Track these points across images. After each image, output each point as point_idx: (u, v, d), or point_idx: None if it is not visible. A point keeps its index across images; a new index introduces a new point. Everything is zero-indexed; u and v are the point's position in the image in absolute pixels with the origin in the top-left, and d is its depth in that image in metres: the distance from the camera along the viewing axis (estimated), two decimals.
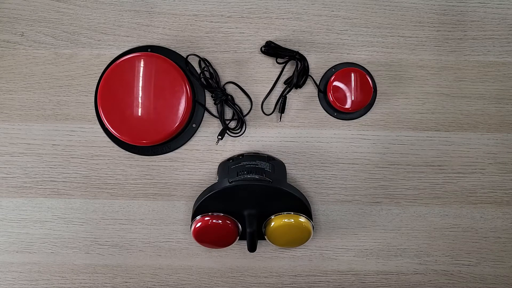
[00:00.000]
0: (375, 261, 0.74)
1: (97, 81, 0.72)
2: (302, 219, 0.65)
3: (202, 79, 0.70)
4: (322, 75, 0.72)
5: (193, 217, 0.65)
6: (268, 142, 0.72)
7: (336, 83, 0.68)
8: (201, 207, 0.65)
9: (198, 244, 0.67)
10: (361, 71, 0.68)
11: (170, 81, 0.67)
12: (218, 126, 0.72)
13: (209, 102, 0.72)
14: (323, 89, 0.71)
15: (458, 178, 0.73)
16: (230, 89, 0.72)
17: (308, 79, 0.72)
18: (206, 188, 0.67)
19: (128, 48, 0.72)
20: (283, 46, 0.71)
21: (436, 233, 0.74)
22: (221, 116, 0.70)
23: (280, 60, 0.71)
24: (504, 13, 0.72)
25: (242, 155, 0.71)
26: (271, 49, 0.71)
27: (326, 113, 0.72)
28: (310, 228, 0.65)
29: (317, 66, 0.72)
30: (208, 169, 0.72)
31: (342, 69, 0.69)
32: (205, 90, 0.72)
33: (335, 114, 0.72)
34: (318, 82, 0.72)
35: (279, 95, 0.71)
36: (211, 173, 0.72)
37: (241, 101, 0.72)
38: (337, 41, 0.72)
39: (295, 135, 0.72)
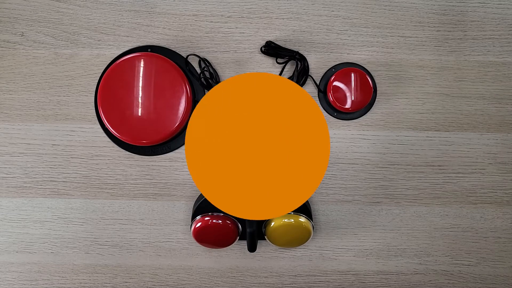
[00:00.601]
0: (375, 261, 0.74)
1: (97, 81, 0.72)
2: (302, 219, 0.65)
3: (202, 79, 0.70)
4: (322, 75, 0.72)
5: (193, 217, 0.65)
6: None
7: (336, 83, 0.68)
8: (201, 207, 0.65)
9: (198, 244, 0.67)
10: (361, 71, 0.68)
11: (170, 81, 0.67)
12: None
13: None
14: (323, 89, 0.71)
15: (458, 178, 0.73)
16: None
17: (308, 79, 0.72)
18: None
19: (128, 48, 0.72)
20: (283, 46, 0.71)
21: (436, 233, 0.74)
22: None
23: (280, 60, 0.71)
24: (504, 13, 0.72)
25: None
26: (271, 49, 0.71)
27: (326, 113, 0.72)
28: (310, 228, 0.66)
29: (317, 66, 0.72)
30: None
31: (342, 69, 0.69)
32: (205, 90, 0.72)
33: (335, 114, 0.72)
34: (318, 82, 0.72)
35: None
36: None
37: None
38: (337, 41, 0.72)
39: None
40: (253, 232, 0.64)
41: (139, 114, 0.67)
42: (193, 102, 0.70)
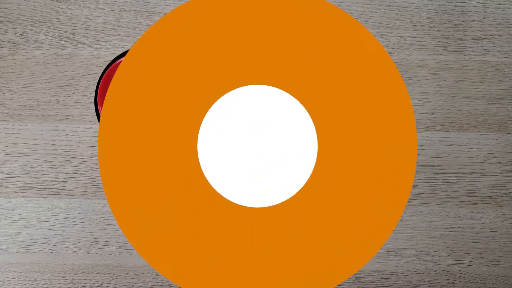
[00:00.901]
0: (375, 261, 0.74)
1: (97, 81, 0.71)
2: None
3: None
4: None
5: None
6: None
7: None
8: None
9: None
10: None
11: None
12: None
13: None
14: None
15: (458, 178, 0.73)
16: None
17: None
18: None
19: (128, 48, 0.72)
20: None
21: (436, 233, 0.74)
22: None
23: None
24: (504, 13, 0.72)
25: None
26: None
27: None
28: None
29: None
30: None
31: None
32: None
33: None
34: None
35: None
36: None
37: None
38: None
39: None
40: None
41: None
42: None
